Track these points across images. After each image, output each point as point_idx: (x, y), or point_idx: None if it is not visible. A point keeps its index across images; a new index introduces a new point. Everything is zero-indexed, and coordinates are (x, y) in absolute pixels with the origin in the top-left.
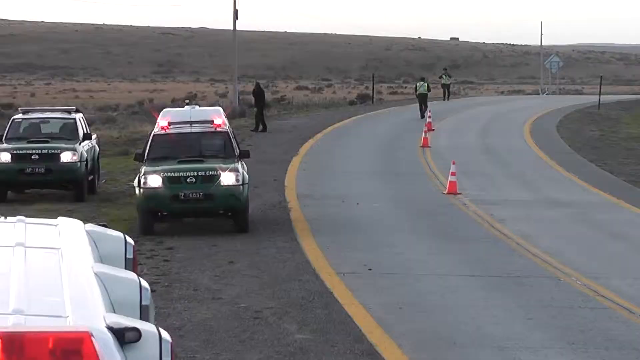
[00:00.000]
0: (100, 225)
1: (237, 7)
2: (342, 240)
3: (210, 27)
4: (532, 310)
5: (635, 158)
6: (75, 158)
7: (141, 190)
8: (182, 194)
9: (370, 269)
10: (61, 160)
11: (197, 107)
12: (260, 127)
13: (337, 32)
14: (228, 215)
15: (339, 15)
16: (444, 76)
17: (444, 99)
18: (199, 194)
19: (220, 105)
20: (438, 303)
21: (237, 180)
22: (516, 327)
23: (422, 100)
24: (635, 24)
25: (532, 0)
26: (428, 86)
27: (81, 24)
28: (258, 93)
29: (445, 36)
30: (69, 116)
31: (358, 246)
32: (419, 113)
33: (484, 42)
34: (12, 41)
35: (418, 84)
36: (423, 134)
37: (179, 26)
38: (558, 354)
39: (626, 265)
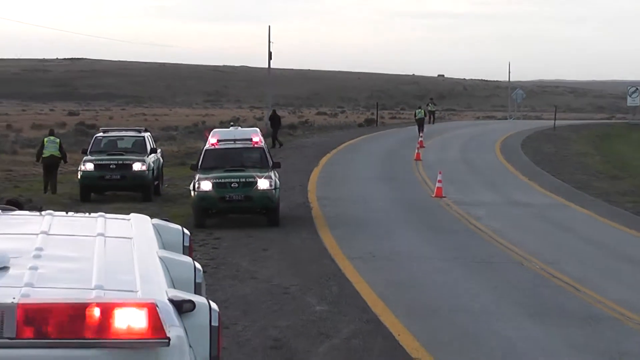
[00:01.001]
0: (163, 219)
1: (271, 50)
2: (352, 233)
3: (249, 65)
4: (500, 287)
5: (581, 169)
6: (144, 167)
7: (195, 193)
8: (228, 196)
9: (374, 256)
10: (133, 169)
11: (239, 128)
12: (277, 145)
13: (349, 70)
14: (263, 213)
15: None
16: (430, 104)
17: (429, 123)
18: (241, 196)
19: (257, 127)
20: (426, 281)
21: (271, 185)
22: (487, 301)
23: (420, 123)
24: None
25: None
26: (424, 112)
27: (148, 62)
28: (273, 118)
29: (434, 73)
30: (139, 134)
31: (364, 237)
32: (418, 133)
33: (464, 78)
34: (95, 76)
35: (417, 111)
36: (416, 150)
37: (225, 64)
38: (520, 322)
39: (574, 253)
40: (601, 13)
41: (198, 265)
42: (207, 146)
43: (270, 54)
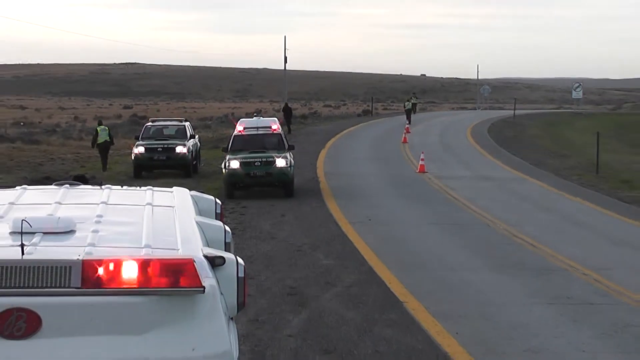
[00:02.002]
0: (199, 191)
1: (286, 55)
2: (352, 202)
3: (270, 67)
4: (472, 245)
5: (535, 150)
6: (185, 150)
7: (226, 170)
8: (252, 172)
9: (370, 220)
10: (176, 152)
11: (261, 118)
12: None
13: (350, 71)
14: (280, 186)
15: (351, 59)
16: (412, 98)
17: (412, 113)
18: (262, 173)
19: (276, 117)
20: (412, 241)
21: (286, 164)
22: (462, 257)
23: (408, 113)
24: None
25: (472, 50)
26: (411, 103)
27: (188, 66)
28: (285, 109)
29: (417, 73)
30: (180, 124)
31: (362, 205)
32: (407, 120)
33: (442, 77)
34: (145, 77)
35: (405, 103)
36: (403, 135)
37: (250, 67)
38: (488, 273)
39: (531, 217)
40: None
41: (227, 228)
42: (235, 132)
43: (285, 58)
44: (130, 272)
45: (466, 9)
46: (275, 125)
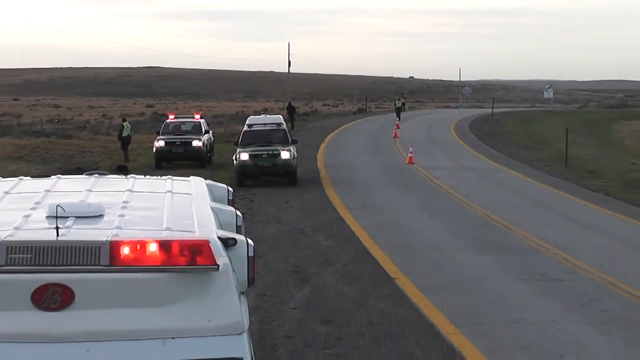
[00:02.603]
0: (214, 180)
1: (290, 60)
2: (349, 189)
3: (275, 70)
4: (455, 228)
5: (511, 143)
6: (200, 144)
7: (237, 162)
8: (260, 164)
9: (365, 205)
10: (192, 145)
11: (267, 115)
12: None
13: (346, 73)
14: (285, 176)
15: (347, 63)
16: (401, 98)
17: (402, 111)
18: (269, 164)
19: (281, 115)
20: (402, 224)
21: (290, 156)
22: (446, 238)
23: (397, 111)
24: (512, 67)
25: (455, 55)
26: (401, 102)
27: (203, 69)
28: (288, 108)
29: (406, 75)
30: (196, 120)
31: (358, 192)
32: (397, 117)
33: (428, 79)
34: (165, 79)
35: (396, 102)
36: (394, 130)
37: (258, 70)
38: (469, 253)
39: (507, 203)
40: (527, 31)
41: (239, 213)
42: (245, 128)
43: (289, 62)
44: (152, 251)
45: (449, 19)
46: (280, 122)
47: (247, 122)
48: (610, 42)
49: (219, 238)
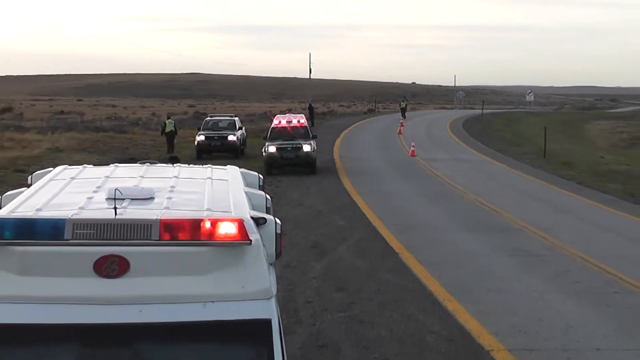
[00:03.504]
0: (246, 169)
1: (311, 67)
2: (361, 178)
3: (298, 76)
4: (450, 211)
5: (498, 140)
6: (235, 138)
7: (265, 154)
8: (285, 156)
9: (374, 192)
10: (228, 139)
11: (292, 114)
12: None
13: (358, 79)
14: (306, 166)
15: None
16: (404, 100)
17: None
18: (293, 156)
19: (303, 114)
20: (405, 208)
21: (311, 149)
22: (443, 220)
23: (402, 111)
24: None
25: (451, 64)
26: (405, 104)
27: (238, 75)
28: (309, 108)
29: (409, 81)
30: (231, 118)
31: (368, 181)
32: (401, 117)
33: (428, 84)
34: (205, 84)
35: (401, 103)
36: (399, 128)
37: (283, 76)
38: (462, 233)
39: (495, 190)
40: (512, 43)
41: (268, 196)
42: (272, 125)
43: (310, 70)
44: (195, 228)
45: (445, 33)
46: (303, 120)
47: (275, 120)
48: (582, 53)
49: (252, 217)
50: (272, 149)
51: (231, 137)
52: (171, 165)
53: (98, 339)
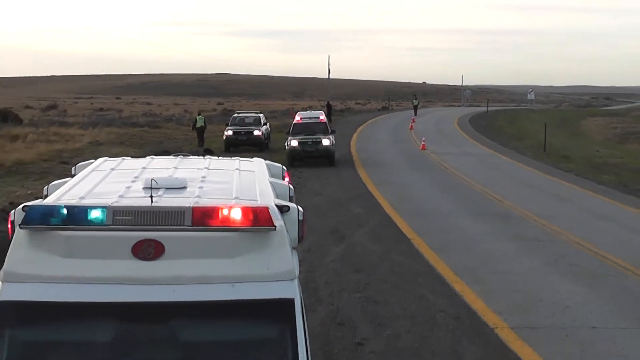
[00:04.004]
0: (271, 161)
1: (330, 68)
2: (376, 169)
3: (318, 76)
4: (458, 200)
5: (502, 135)
6: (260, 133)
7: (288, 147)
8: (306, 149)
9: (388, 182)
10: (254, 134)
11: (312, 111)
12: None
13: (373, 79)
14: (326, 158)
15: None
16: (415, 98)
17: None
18: (313, 149)
19: (322, 111)
20: (416, 196)
21: (330, 143)
22: (450, 208)
23: (415, 108)
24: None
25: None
26: (414, 102)
27: (262, 75)
28: (327, 105)
29: (420, 80)
30: (257, 114)
31: (382, 171)
32: (414, 114)
33: (437, 83)
34: (233, 83)
35: (413, 101)
36: (410, 124)
37: (304, 76)
38: (468, 219)
39: (499, 181)
40: (515, 46)
41: (291, 186)
42: (294, 121)
43: (329, 70)
44: (224, 215)
45: (453, 36)
46: (322, 117)
47: (296, 116)
48: (579, 55)
49: (276, 205)
50: (294, 142)
51: (256, 132)
52: (202, 157)
53: (135, 316)
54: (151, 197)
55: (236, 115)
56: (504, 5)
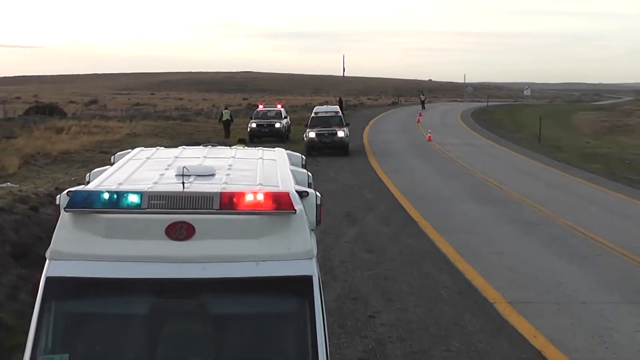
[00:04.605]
0: (291, 151)
1: (344, 67)
2: (386, 158)
3: (334, 74)
4: (461, 186)
5: (501, 127)
6: (281, 126)
7: (306, 138)
8: (322, 140)
9: (397, 170)
10: (275, 126)
11: (328, 106)
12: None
13: (384, 76)
14: (340, 149)
15: (384, 69)
16: (422, 94)
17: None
18: (329, 140)
19: (337, 106)
20: (423, 183)
21: (345, 134)
22: (453, 193)
23: (422, 103)
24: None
25: (462, 64)
26: (420, 98)
27: (283, 73)
28: (340, 101)
29: (426, 78)
30: (278, 109)
31: (391, 161)
32: (421, 108)
33: (442, 81)
34: (257, 80)
35: (420, 97)
36: (418, 117)
37: (321, 74)
38: (470, 204)
39: (497, 168)
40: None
41: (309, 173)
42: (312, 115)
43: (344, 69)
44: (249, 200)
45: (457, 38)
46: (338, 110)
47: (314, 110)
48: (571, 55)
49: (296, 191)
50: (312, 134)
51: (278, 125)
52: (229, 147)
53: (169, 291)
54: (183, 183)
55: (259, 109)
56: (503, 10)
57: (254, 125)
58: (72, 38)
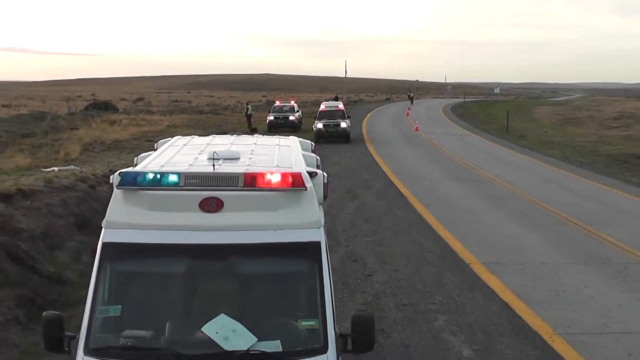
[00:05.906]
0: (303, 139)
1: (346, 69)
2: (381, 145)
3: (337, 75)
4: (446, 170)
5: (476, 119)
6: (294, 118)
7: (315, 128)
8: (328, 130)
9: (390, 155)
10: (289, 119)
11: (333, 101)
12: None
13: (379, 77)
14: (343, 137)
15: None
16: (410, 92)
17: (413, 99)
18: (334, 130)
19: (340, 102)
20: (411, 166)
21: (347, 126)
22: (437, 174)
23: (411, 99)
24: (475, 72)
25: (444, 67)
26: (409, 95)
27: (295, 75)
28: (335, 98)
29: (414, 78)
30: (291, 104)
31: (385, 147)
32: (410, 103)
33: (426, 80)
34: (274, 81)
35: (409, 94)
36: (407, 111)
37: (327, 75)
38: (451, 184)
39: (474, 154)
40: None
41: (318, 157)
42: (320, 109)
43: (346, 71)
44: (268, 179)
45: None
46: (341, 105)
47: (321, 105)
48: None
49: (307, 172)
50: (319, 125)
51: (291, 117)
52: (251, 135)
53: (202, 254)
54: (213, 165)
55: (276, 104)
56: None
57: (271, 117)
58: (122, 47)
